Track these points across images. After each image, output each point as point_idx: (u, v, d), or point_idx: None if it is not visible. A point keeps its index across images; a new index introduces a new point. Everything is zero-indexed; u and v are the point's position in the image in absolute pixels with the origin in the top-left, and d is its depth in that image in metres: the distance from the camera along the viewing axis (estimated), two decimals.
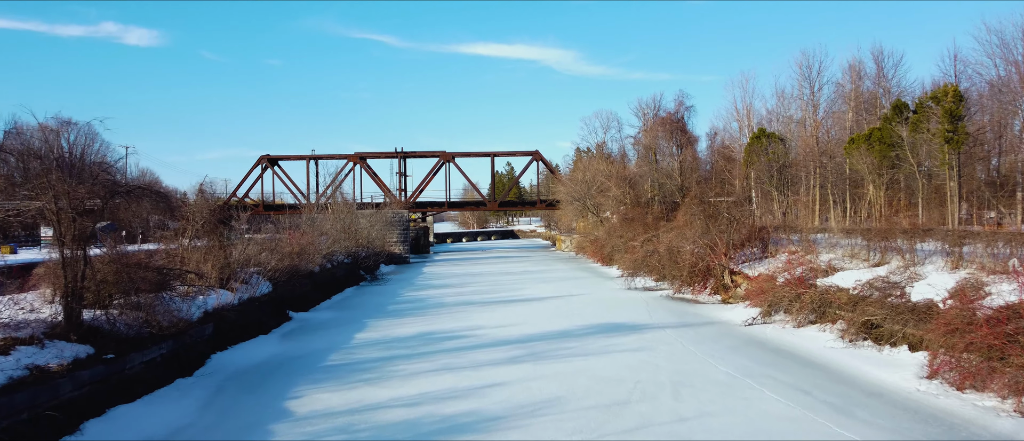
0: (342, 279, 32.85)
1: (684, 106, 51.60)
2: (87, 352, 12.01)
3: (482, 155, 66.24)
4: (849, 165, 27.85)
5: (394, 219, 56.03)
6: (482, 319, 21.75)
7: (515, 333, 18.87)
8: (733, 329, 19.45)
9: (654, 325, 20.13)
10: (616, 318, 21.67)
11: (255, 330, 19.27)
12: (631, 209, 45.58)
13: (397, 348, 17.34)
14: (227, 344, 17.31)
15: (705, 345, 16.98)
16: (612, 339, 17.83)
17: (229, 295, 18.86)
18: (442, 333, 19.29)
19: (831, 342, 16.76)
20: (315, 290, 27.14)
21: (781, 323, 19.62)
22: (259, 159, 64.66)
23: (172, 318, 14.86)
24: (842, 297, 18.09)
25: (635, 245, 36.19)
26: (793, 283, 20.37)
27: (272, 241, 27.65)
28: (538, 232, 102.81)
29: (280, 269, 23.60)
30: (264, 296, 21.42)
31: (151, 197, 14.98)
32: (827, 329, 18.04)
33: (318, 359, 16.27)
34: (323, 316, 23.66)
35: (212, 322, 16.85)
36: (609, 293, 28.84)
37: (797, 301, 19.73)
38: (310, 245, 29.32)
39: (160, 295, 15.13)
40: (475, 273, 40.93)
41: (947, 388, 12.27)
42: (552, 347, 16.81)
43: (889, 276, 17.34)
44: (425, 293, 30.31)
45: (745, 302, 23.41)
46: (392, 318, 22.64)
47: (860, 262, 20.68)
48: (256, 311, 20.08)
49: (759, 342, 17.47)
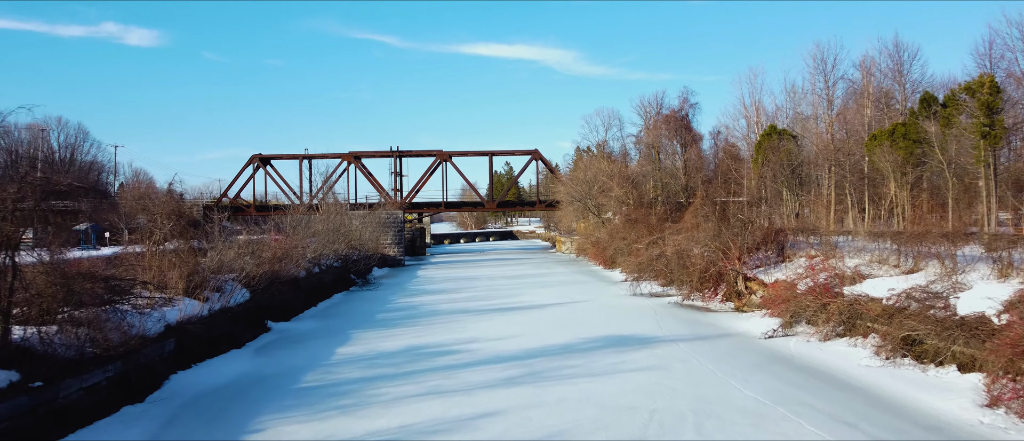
0: (330, 284, 31.07)
1: (688, 103, 49.89)
2: (11, 379, 10.23)
3: (480, 154, 64.46)
4: (870, 163, 26.09)
5: (388, 220, 54.22)
6: (477, 330, 19.99)
7: (513, 348, 17.10)
8: (752, 342, 17.69)
9: (665, 338, 18.36)
10: (623, 329, 19.90)
11: (227, 344, 17.50)
12: (634, 210, 43.82)
13: (381, 366, 15.56)
14: (192, 361, 15.53)
15: (724, 363, 15.22)
16: (621, 355, 16.06)
17: (197, 305, 17.07)
18: (432, 347, 17.52)
19: (865, 359, 15.00)
20: (299, 297, 25.36)
21: (804, 336, 17.87)
22: (250, 158, 62.84)
23: (124, 335, 13.08)
24: (875, 308, 16.33)
25: (640, 248, 34.44)
26: (817, 291, 18.61)
27: (253, 244, 25.86)
28: (537, 233, 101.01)
29: (259, 275, 21.81)
30: (239, 305, 19.64)
31: (91, 196, 13.20)
32: (858, 344, 16.29)
33: (292, 379, 14.49)
34: (305, 326, 21.87)
35: (174, 337, 15.07)
36: (613, 300, 27.07)
37: (822, 312, 17.98)
38: (295, 248, 27.53)
39: (114, 308, 13.36)
40: (471, 277, 39.15)
41: (1015, 419, 10.52)
42: (554, 366, 15.04)
43: (929, 285, 15.57)
44: (417, 300, 28.53)
45: (762, 311, 21.66)
46: (379, 329, 20.86)
47: (890, 268, 18.92)
48: (229, 322, 18.30)
49: (783, 359, 15.71)
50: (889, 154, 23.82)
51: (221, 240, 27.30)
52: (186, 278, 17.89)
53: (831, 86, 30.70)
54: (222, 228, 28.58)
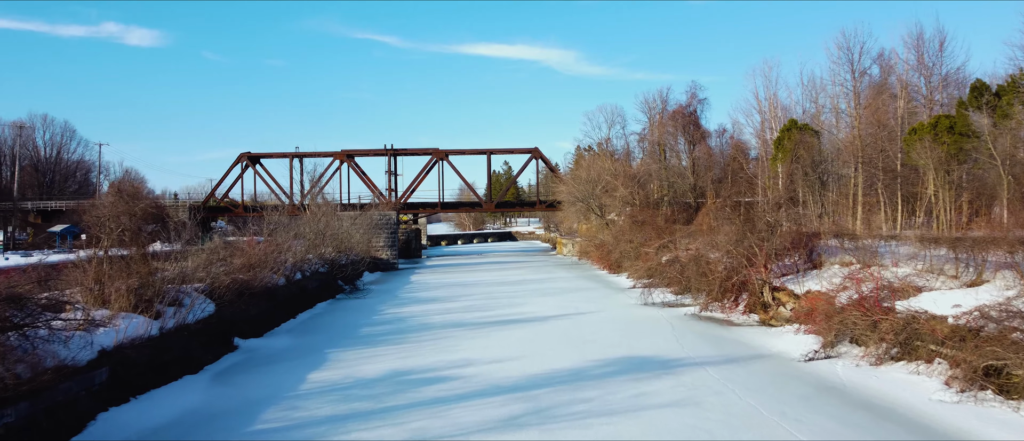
0: (314, 292, 28.54)
1: (697, 98, 47.40)
2: None
3: (478, 152, 61.90)
4: (907, 159, 23.63)
5: (381, 221, 51.70)
6: (472, 349, 17.50)
7: (514, 374, 14.61)
8: (792, 367, 15.22)
9: (690, 360, 15.88)
10: (639, 348, 17.43)
11: (179, 369, 14.99)
12: (641, 211, 41.35)
13: (358, 399, 13.07)
14: (131, 394, 13.03)
15: (767, 395, 12.75)
16: (641, 385, 13.57)
17: (143, 323, 14.55)
18: (419, 373, 15.02)
19: (935, 392, 12.54)
20: (276, 308, 22.83)
21: (851, 358, 15.43)
22: (239, 157, 60.29)
23: (35, 367, 10.60)
24: (940, 328, 13.87)
25: (649, 251, 31.99)
26: (864, 306, 16.14)
27: (226, 248, 23.38)
28: (537, 234, 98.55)
29: (226, 285, 19.30)
30: (200, 321, 17.12)
31: None
32: (921, 370, 13.84)
33: (247, 417, 12.00)
34: (278, 343, 19.36)
35: (108, 365, 12.56)
36: (624, 310, 24.59)
37: (873, 331, 15.52)
38: (273, 253, 24.99)
39: (21, 334, 10.87)
40: (468, 283, 36.63)
41: None
42: (564, 400, 12.55)
43: (1009, 302, 13.12)
44: (408, 310, 26.02)
45: (793, 326, 19.22)
46: (361, 347, 18.35)
47: (946, 279, 16.47)
48: (185, 342, 15.78)
49: (835, 389, 13.24)
50: (932, 150, 21.37)
51: (202, 243, 24.87)
52: (135, 291, 15.38)
53: (858, 77, 28.30)
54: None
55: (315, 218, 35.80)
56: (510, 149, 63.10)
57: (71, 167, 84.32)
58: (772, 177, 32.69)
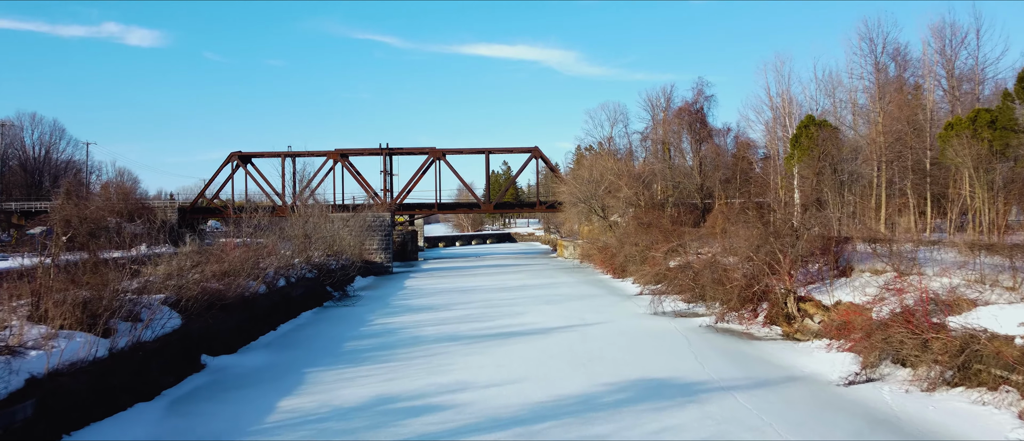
0: (299, 300, 26.61)
1: (703, 96, 45.49)
2: None
3: (476, 152, 59.96)
4: (941, 157, 21.77)
5: (374, 223, 49.75)
6: (468, 369, 15.59)
7: (515, 401, 12.70)
8: (831, 392, 13.32)
9: (714, 384, 13.97)
10: (655, 368, 15.52)
11: (131, 396, 13.09)
12: (646, 212, 39.45)
13: (333, 432, 11.17)
14: (66, 428, 11.11)
15: (811, 431, 10.84)
16: (662, 416, 11.66)
17: (87, 343, 12.61)
18: (406, 399, 13.11)
19: (1011, 427, 10.68)
20: (253, 320, 20.91)
21: (896, 382, 13.55)
22: (229, 156, 58.38)
23: None
24: (1008, 351, 11.98)
25: (656, 256, 30.08)
26: (911, 322, 14.23)
27: (200, 254, 21.48)
28: (537, 236, 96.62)
29: (195, 295, 17.37)
30: (160, 338, 15.17)
31: None
32: (986, 399, 11.95)
33: None
34: (252, 361, 17.42)
35: (36, 396, 10.65)
36: (633, 321, 22.70)
37: (923, 351, 13.63)
38: (252, 257, 23.07)
39: None
40: (465, 288, 34.71)
41: None
42: (571, 438, 10.64)
43: None
44: (399, 320, 24.11)
45: (824, 341, 17.36)
46: (343, 365, 16.44)
47: (1004, 291, 14.58)
48: (139, 364, 13.86)
49: (889, 422, 11.34)
50: (970, 146, 19.52)
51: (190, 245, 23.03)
52: (82, 305, 13.45)
53: (881, 70, 26.44)
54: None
55: (302, 219, 33.85)
56: (509, 149, 61.19)
57: (61, 166, 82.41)
58: (787, 177, 30.81)
